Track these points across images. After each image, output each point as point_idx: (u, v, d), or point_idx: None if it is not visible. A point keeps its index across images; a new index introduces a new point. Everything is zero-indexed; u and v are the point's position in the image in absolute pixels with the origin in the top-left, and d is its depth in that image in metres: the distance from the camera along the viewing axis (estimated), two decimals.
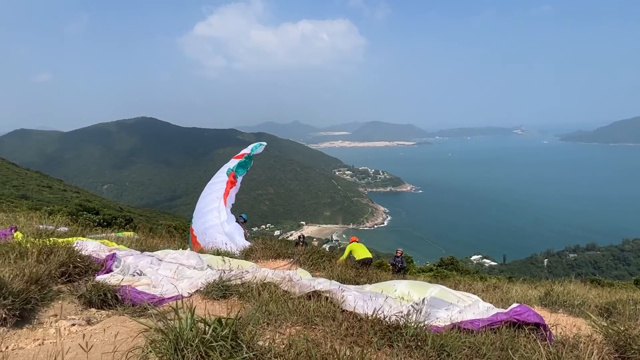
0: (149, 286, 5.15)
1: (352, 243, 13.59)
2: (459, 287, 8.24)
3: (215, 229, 12.66)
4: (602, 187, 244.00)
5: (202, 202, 15.31)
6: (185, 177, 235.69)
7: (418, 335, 3.49)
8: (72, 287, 4.74)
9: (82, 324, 3.81)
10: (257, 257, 8.00)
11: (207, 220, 13.61)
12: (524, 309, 4.14)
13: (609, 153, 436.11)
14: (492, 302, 5.24)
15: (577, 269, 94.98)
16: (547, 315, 5.34)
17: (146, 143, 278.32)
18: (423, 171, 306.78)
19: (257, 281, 5.01)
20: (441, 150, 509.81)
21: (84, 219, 18.45)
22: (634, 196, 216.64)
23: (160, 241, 10.14)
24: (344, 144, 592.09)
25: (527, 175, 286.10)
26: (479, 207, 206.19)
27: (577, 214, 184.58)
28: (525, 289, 8.07)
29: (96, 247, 6.36)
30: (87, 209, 24.19)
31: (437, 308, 4.36)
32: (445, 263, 33.65)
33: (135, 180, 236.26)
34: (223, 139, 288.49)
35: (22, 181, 57.30)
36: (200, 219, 13.99)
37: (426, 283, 6.00)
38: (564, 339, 3.96)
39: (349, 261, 11.36)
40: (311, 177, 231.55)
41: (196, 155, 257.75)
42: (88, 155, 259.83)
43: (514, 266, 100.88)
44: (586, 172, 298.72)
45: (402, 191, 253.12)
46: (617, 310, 5.52)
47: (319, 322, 3.74)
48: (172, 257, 6.45)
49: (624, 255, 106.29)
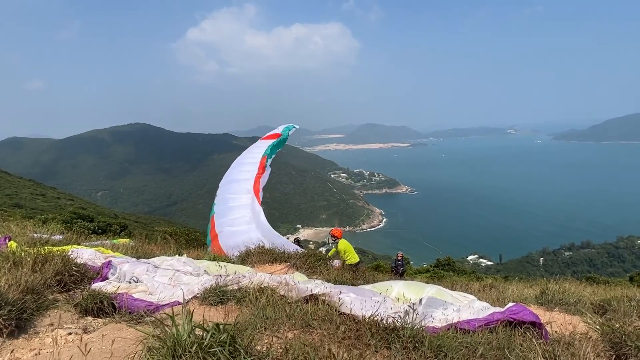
0: (145, 293, 5.14)
1: (343, 240, 12.84)
2: (455, 287, 8.28)
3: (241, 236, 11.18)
4: (595, 185, 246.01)
5: (228, 187, 13.51)
6: (181, 183, 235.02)
7: (415, 336, 3.50)
8: (68, 295, 4.72)
9: (78, 333, 3.80)
10: (253, 262, 7.99)
11: (234, 221, 12.25)
12: (519, 308, 4.17)
13: (602, 151, 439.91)
14: (489, 301, 5.27)
15: (572, 267, 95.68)
16: (543, 313, 5.38)
17: (140, 149, 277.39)
18: (418, 172, 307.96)
19: (254, 286, 5.01)
20: (436, 151, 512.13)
21: (78, 227, 18.34)
22: (628, 193, 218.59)
23: (156, 248, 10.09)
24: (339, 147, 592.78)
25: (521, 175, 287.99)
26: (474, 207, 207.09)
27: (572, 212, 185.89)
28: (521, 288, 8.12)
29: (92, 255, 6.33)
30: (81, 216, 24.06)
31: (434, 308, 4.39)
32: (442, 264, 33.75)
33: (130, 187, 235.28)
34: (218, 143, 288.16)
35: (15, 189, 56.82)
36: (226, 216, 12.48)
37: (423, 284, 6.03)
38: (560, 337, 3.99)
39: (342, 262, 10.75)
40: (306, 181, 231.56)
41: (191, 161, 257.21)
42: (82, 162, 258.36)
43: (510, 265, 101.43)
44: (580, 171, 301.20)
45: (397, 193, 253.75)
46: (612, 307, 5.57)
47: (317, 326, 3.75)
48: (168, 264, 6.43)
49: (619, 252, 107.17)
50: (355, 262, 12.13)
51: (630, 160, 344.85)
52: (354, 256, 12.48)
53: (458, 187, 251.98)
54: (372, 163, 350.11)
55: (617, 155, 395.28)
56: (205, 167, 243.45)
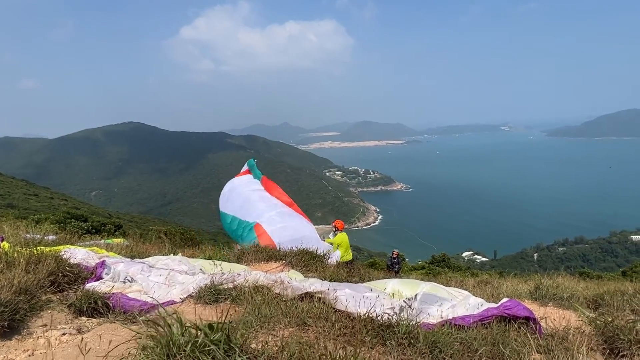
0: (140, 293, 5.11)
1: (342, 233, 12.56)
2: (450, 283, 8.31)
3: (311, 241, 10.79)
4: (588, 181, 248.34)
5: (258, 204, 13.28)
6: (175, 182, 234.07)
7: (410, 332, 3.51)
8: (61, 296, 4.68)
9: (72, 333, 3.77)
10: (248, 260, 7.97)
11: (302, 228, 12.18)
12: (514, 303, 4.19)
13: (595, 147, 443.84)
14: (483, 297, 5.30)
15: (566, 262, 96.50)
16: (537, 308, 5.42)
17: (134, 148, 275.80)
18: (413, 170, 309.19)
19: (249, 284, 5.00)
20: (430, 148, 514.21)
21: (72, 227, 18.20)
22: (620, 188, 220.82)
23: (151, 247, 10.04)
24: (334, 145, 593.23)
25: (515, 172, 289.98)
26: (469, 204, 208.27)
27: (565, 208, 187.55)
28: (516, 283, 8.17)
29: (85, 255, 6.29)
30: (75, 216, 23.88)
31: (429, 304, 4.40)
32: (437, 260, 33.90)
33: (124, 186, 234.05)
34: (212, 142, 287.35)
35: (7, 190, 56.36)
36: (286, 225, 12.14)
37: (418, 281, 6.05)
38: (554, 332, 4.02)
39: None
40: (302, 179, 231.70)
41: (186, 160, 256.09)
42: (75, 162, 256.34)
43: (505, 261, 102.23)
44: (573, 167, 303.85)
45: (392, 190, 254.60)
46: (605, 301, 5.61)
47: (312, 323, 3.75)
48: (163, 263, 6.41)
49: (612, 247, 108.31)
50: (347, 259, 11.96)
51: (621, 156, 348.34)
52: (348, 253, 12.26)
53: (453, 184, 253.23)
54: (367, 160, 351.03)
55: (609, 151, 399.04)
56: (200, 166, 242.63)
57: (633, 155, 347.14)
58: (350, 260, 12.13)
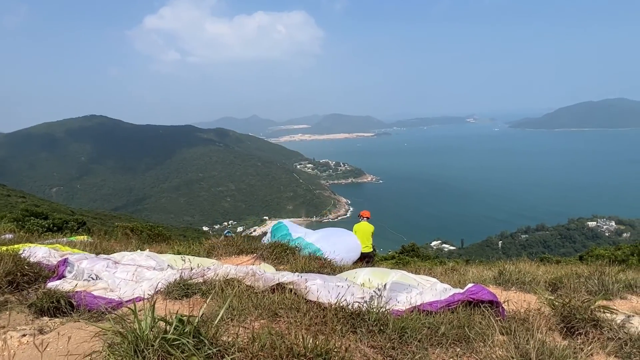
0: (105, 290, 4.97)
1: (362, 222, 11.60)
2: (419, 272, 8.50)
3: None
4: (549, 171, 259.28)
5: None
6: (142, 177, 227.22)
7: (380, 319, 3.59)
8: (20, 296, 4.49)
9: (33, 334, 3.62)
10: (219, 254, 7.88)
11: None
12: (478, 288, 4.35)
13: (554, 138, 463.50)
14: (450, 283, 5.46)
15: (528, 249, 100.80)
16: (500, 292, 5.64)
17: (97, 142, 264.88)
18: (382, 161, 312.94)
19: (220, 278, 4.95)
20: (399, 140, 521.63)
21: (31, 225, 17.40)
22: (578, 177, 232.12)
23: (117, 244, 9.74)
24: (304, 137, 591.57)
25: (480, 162, 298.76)
26: (437, 194, 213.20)
27: (528, 197, 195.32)
28: (481, 270, 8.45)
29: (46, 253, 6.04)
30: (34, 213, 22.78)
31: (398, 292, 4.50)
32: (407, 250, 34.52)
33: (87, 182, 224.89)
34: (181, 136, 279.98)
35: None
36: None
37: (388, 270, 6.16)
38: (516, 314, 4.21)
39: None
40: (272, 172, 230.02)
41: (153, 154, 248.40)
42: (33, 157, 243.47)
43: (471, 249, 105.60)
44: (534, 157, 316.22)
45: (363, 182, 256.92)
46: (562, 284, 5.91)
47: (283, 314, 3.76)
48: (129, 259, 6.23)
49: (570, 233, 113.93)
50: (364, 251, 10.67)
51: (579, 147, 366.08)
52: (366, 244, 10.88)
53: (420, 176, 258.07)
54: (338, 153, 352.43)
55: (567, 142, 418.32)
56: (168, 161, 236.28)
57: (590, 146, 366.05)
58: (367, 253, 10.87)
